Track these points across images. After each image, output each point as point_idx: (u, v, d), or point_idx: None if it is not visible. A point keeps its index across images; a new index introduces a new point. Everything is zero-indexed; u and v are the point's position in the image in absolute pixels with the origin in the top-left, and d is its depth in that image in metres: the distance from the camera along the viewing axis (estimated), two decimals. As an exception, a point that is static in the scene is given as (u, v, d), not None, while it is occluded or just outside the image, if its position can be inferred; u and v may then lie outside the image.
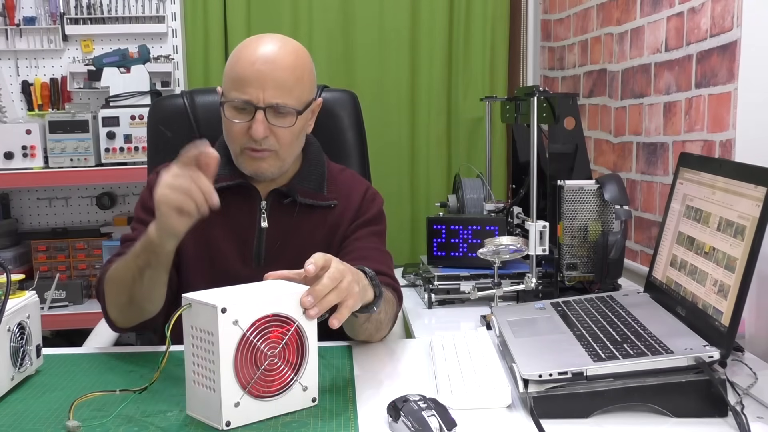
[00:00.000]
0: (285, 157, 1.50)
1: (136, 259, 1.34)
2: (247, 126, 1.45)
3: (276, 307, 1.11)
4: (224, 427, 1.08)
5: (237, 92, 1.44)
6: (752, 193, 1.17)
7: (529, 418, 1.10)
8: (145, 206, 1.55)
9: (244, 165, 1.51)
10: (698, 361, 1.12)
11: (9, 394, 1.22)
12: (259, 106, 1.43)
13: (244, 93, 1.43)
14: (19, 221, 3.19)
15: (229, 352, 1.07)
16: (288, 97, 1.44)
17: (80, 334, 2.39)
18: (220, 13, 3.12)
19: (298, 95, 1.46)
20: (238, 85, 1.44)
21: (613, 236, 1.76)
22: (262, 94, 1.43)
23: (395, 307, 1.49)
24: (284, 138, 1.47)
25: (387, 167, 3.13)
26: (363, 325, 1.40)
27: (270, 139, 1.45)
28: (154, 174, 1.58)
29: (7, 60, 3.11)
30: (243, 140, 1.47)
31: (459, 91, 3.23)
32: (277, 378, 1.12)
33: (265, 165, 1.49)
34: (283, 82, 1.44)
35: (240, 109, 1.45)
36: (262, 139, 1.44)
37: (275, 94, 1.43)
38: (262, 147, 1.46)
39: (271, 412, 1.12)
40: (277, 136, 1.46)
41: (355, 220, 1.58)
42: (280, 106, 1.44)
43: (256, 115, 1.43)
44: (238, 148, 1.49)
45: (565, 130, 1.89)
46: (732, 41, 1.63)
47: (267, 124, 1.44)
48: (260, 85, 1.42)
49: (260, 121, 1.43)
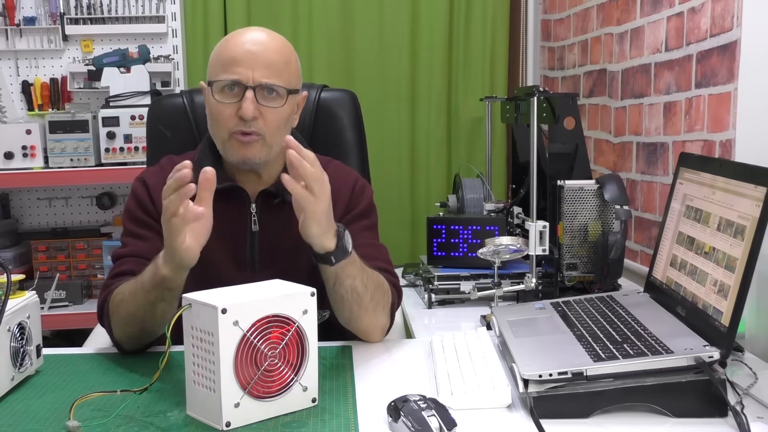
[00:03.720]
0: (272, 143, 1.47)
1: (147, 295, 1.32)
2: (235, 108, 1.43)
3: (276, 308, 1.11)
4: (224, 427, 1.08)
5: (226, 73, 1.43)
6: (752, 193, 1.17)
7: (529, 418, 1.10)
8: (133, 216, 1.53)
9: (231, 152, 1.47)
10: (698, 361, 1.11)
11: (9, 394, 1.22)
12: (249, 85, 1.42)
13: (234, 73, 1.42)
14: (19, 221, 3.19)
15: (229, 352, 1.07)
16: (278, 77, 1.44)
17: (80, 334, 2.39)
18: (220, 13, 3.12)
19: (287, 78, 1.46)
20: (227, 66, 1.43)
21: (613, 236, 1.76)
22: (251, 74, 1.42)
23: (387, 295, 1.46)
24: (272, 122, 1.45)
25: (387, 167, 3.13)
26: (335, 290, 1.38)
27: (258, 121, 1.43)
28: (137, 182, 1.57)
29: (7, 60, 3.11)
30: (231, 124, 1.44)
31: (459, 91, 3.23)
32: (277, 378, 1.12)
33: (253, 151, 1.46)
34: (273, 62, 1.44)
35: (227, 91, 1.44)
36: (251, 120, 1.42)
37: (265, 73, 1.43)
38: (251, 129, 1.44)
39: (271, 412, 1.12)
40: (265, 119, 1.44)
41: (346, 214, 1.55)
42: (270, 85, 1.43)
43: (246, 94, 1.42)
44: (226, 134, 1.46)
45: (565, 130, 1.89)
46: (732, 41, 1.63)
47: (256, 104, 1.42)
48: (250, 64, 1.42)
49: (250, 99, 1.41)
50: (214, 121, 1.47)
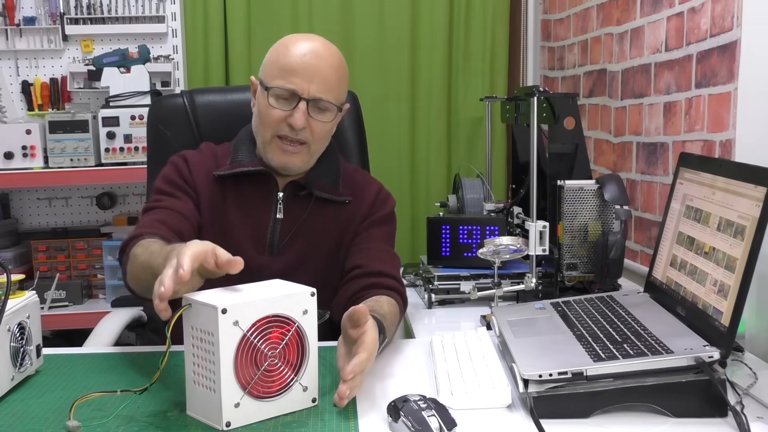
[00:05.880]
0: (314, 152, 1.55)
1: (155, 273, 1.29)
2: (285, 114, 1.49)
3: (276, 308, 1.11)
4: (224, 427, 1.08)
5: (283, 81, 1.48)
6: (752, 193, 1.17)
7: (529, 418, 1.10)
8: (169, 179, 1.56)
9: (271, 155, 1.53)
10: (698, 361, 1.11)
11: (9, 394, 1.22)
12: (304, 97, 1.47)
13: (290, 83, 1.48)
14: (19, 221, 3.19)
15: (229, 352, 1.07)
16: (330, 93, 1.50)
17: (80, 334, 2.39)
18: (220, 13, 3.12)
19: (338, 94, 1.52)
20: (285, 74, 1.48)
21: (613, 236, 1.76)
22: (308, 87, 1.48)
23: (398, 317, 1.50)
24: (319, 133, 1.51)
25: (387, 167, 3.13)
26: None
27: (306, 131, 1.49)
28: (177, 157, 1.60)
29: (7, 60, 3.11)
30: (278, 126, 1.50)
31: (459, 91, 3.23)
32: (278, 378, 1.12)
33: (296, 159, 1.52)
34: (329, 78, 1.50)
35: (283, 98, 1.49)
36: (300, 129, 1.48)
37: (320, 88, 1.48)
38: (298, 137, 1.50)
39: (272, 412, 1.12)
40: (312, 130, 1.50)
41: (367, 217, 1.61)
42: (322, 100, 1.49)
43: (299, 105, 1.48)
44: (270, 135, 1.51)
45: (565, 130, 1.89)
46: (732, 41, 1.63)
47: (307, 116, 1.48)
48: (308, 77, 1.47)
49: (302, 111, 1.47)
50: (262, 121, 1.53)
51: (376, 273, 1.51)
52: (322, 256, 1.57)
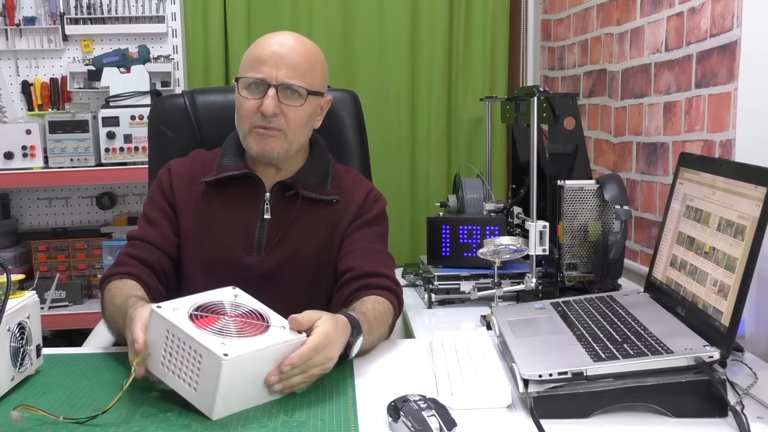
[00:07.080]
0: (292, 139, 1.55)
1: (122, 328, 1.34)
2: (257, 103, 1.51)
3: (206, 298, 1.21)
4: (223, 359, 1.08)
5: (252, 71, 1.52)
6: (752, 193, 1.17)
7: (529, 418, 1.10)
8: (152, 199, 1.63)
9: (251, 144, 1.55)
10: (698, 361, 1.12)
11: (9, 394, 1.22)
12: (272, 84, 1.50)
13: (259, 72, 1.51)
14: (19, 221, 3.19)
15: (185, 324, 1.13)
16: (300, 79, 1.52)
17: (80, 334, 2.39)
18: (220, 13, 3.12)
19: (310, 80, 1.53)
20: (254, 65, 1.52)
21: (613, 236, 1.76)
22: (275, 73, 1.50)
23: (392, 317, 1.49)
24: (293, 120, 1.53)
25: (387, 167, 3.13)
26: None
27: (279, 118, 1.52)
28: (164, 168, 1.66)
29: (7, 60, 3.11)
30: (253, 118, 1.52)
31: (459, 91, 3.23)
32: (250, 327, 1.17)
33: (273, 144, 1.54)
34: (297, 64, 1.52)
35: (253, 87, 1.52)
36: (272, 116, 1.50)
37: (288, 74, 1.51)
38: (271, 125, 1.52)
39: (261, 344, 1.14)
40: (286, 117, 1.52)
41: (357, 218, 1.61)
42: (291, 85, 1.51)
43: (268, 91, 1.50)
44: (248, 127, 1.54)
45: (565, 130, 1.89)
46: (732, 41, 1.63)
47: (278, 101, 1.50)
48: (275, 64, 1.51)
49: (271, 97, 1.50)
50: (238, 114, 1.56)
51: (367, 274, 1.51)
52: (311, 255, 1.58)
